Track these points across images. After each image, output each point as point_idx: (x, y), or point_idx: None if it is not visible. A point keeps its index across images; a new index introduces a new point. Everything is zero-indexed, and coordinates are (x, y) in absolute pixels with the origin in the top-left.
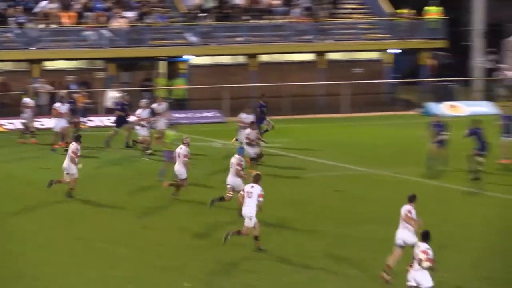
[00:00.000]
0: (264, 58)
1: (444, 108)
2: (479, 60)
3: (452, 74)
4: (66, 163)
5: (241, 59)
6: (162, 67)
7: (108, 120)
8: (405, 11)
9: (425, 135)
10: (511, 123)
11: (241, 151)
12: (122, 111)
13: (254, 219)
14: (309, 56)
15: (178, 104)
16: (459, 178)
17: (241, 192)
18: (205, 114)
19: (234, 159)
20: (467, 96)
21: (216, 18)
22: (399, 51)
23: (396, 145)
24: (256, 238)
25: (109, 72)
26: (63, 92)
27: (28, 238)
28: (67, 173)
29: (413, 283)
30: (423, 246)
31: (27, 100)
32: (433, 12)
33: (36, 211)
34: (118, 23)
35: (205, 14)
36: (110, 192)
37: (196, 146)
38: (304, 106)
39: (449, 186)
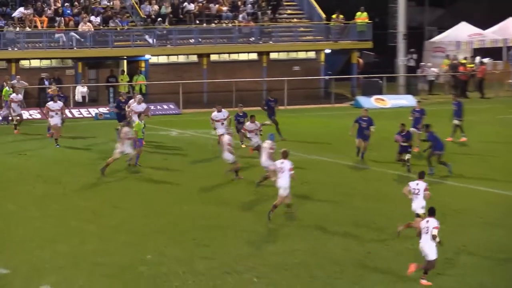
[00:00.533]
0: (214, 57)
1: (372, 101)
2: (402, 59)
3: (379, 71)
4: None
5: (193, 58)
6: (124, 65)
7: (77, 112)
8: (336, 16)
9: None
10: (422, 117)
11: (272, 137)
12: (118, 108)
13: (288, 190)
14: (253, 56)
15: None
16: (387, 163)
17: (272, 167)
18: (163, 106)
19: (266, 144)
20: (392, 90)
21: (171, 23)
22: (332, 51)
23: (331, 134)
24: (288, 205)
25: (77, 69)
26: (54, 89)
27: (8, 216)
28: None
29: (423, 253)
30: (434, 221)
31: (13, 95)
32: (361, 17)
33: (15, 192)
34: (85, 27)
35: (161, 19)
36: (81, 175)
37: (156, 135)
38: (250, 100)
39: (377, 170)
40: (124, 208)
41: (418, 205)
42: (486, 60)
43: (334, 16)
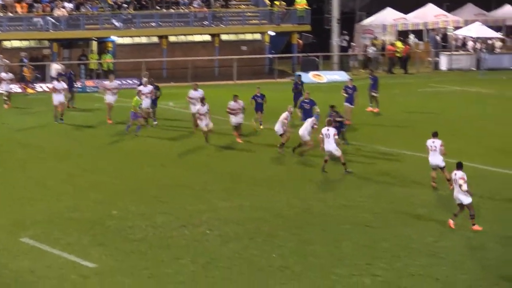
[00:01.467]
0: (172, 39)
1: (310, 76)
2: (336, 40)
3: (316, 50)
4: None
5: (154, 39)
6: (94, 45)
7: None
8: (278, 3)
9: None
10: (354, 92)
11: (317, 117)
12: (68, 80)
13: (339, 151)
14: (207, 37)
15: (106, 74)
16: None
17: (320, 136)
18: (128, 81)
19: (310, 120)
20: (327, 67)
21: (135, 8)
22: (275, 33)
23: (274, 106)
24: (343, 164)
25: (53, 49)
26: (59, 68)
27: None
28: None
29: (458, 201)
30: (460, 173)
31: (3, 74)
32: (301, 4)
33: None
34: (59, 12)
35: (126, 5)
36: (59, 142)
37: (124, 106)
38: (204, 75)
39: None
40: (96, 171)
41: (437, 159)
42: (411, 39)
43: (277, 2)
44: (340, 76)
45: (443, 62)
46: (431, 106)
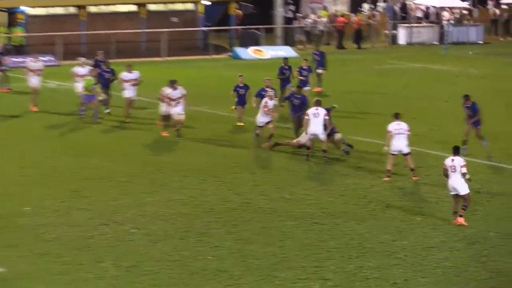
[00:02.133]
0: (93, 9)
1: (250, 52)
2: (279, 10)
3: (257, 22)
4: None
5: (72, 10)
6: (3, 17)
7: None
8: None
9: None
10: (309, 74)
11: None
12: None
13: (325, 135)
14: (132, 7)
15: (16, 50)
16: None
17: (306, 117)
18: (41, 58)
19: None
20: (269, 41)
21: None
22: (210, 2)
23: (208, 85)
24: (324, 151)
25: None
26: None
27: None
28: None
29: (454, 192)
30: (461, 160)
31: None
32: None
33: None
34: None
35: None
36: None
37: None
38: (129, 51)
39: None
40: (2, 160)
41: (402, 144)
42: (366, 9)
43: None
44: (284, 51)
45: (402, 35)
46: (388, 86)
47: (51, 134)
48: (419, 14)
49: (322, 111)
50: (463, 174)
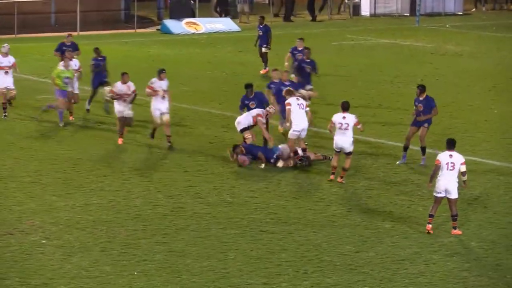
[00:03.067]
0: None
1: (183, 25)
2: None
3: None
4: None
5: None
6: None
7: None
8: None
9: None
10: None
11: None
12: None
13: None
14: None
15: None
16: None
17: (288, 107)
18: None
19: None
20: (206, 12)
21: None
22: None
23: (132, 64)
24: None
25: None
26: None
27: None
28: None
29: (442, 194)
30: (460, 156)
31: None
32: None
33: None
34: None
35: None
36: None
37: None
38: (37, 25)
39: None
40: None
41: (346, 141)
42: None
43: None
44: (224, 24)
45: (365, 5)
46: (349, 66)
47: None
48: None
49: (304, 102)
50: (463, 173)
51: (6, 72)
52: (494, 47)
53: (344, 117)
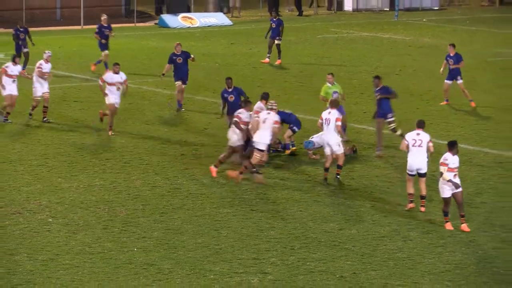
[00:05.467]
0: None
1: (179, 20)
2: None
3: None
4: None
5: None
6: None
7: None
8: None
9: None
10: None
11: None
12: None
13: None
14: None
15: None
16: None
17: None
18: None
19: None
20: (200, 7)
21: None
22: None
23: (135, 57)
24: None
25: None
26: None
27: None
28: None
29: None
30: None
31: None
32: None
33: None
34: None
35: None
36: None
37: None
38: (43, 19)
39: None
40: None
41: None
42: None
43: None
44: (217, 19)
45: (348, 0)
46: (332, 57)
47: None
48: None
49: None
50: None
51: (46, 78)
52: (467, 39)
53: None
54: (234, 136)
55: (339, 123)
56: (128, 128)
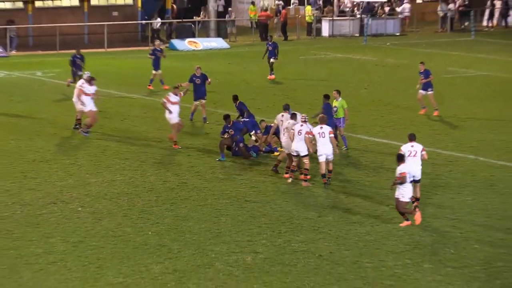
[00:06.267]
0: (38, 4)
1: (186, 44)
2: (212, 5)
3: (191, 16)
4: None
5: (19, 4)
6: None
7: None
8: None
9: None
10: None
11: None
12: None
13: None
14: (75, 2)
15: None
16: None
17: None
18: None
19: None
20: (203, 33)
21: None
22: None
23: (147, 74)
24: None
25: None
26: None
27: None
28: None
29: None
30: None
31: None
32: None
33: None
34: None
35: None
36: None
37: None
38: (74, 43)
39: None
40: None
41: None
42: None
43: None
44: (217, 43)
45: (325, 28)
46: (312, 75)
47: (1, 120)
48: (341, 8)
49: (327, 129)
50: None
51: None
52: (423, 60)
53: (412, 146)
54: (290, 143)
55: (332, 135)
56: (143, 134)
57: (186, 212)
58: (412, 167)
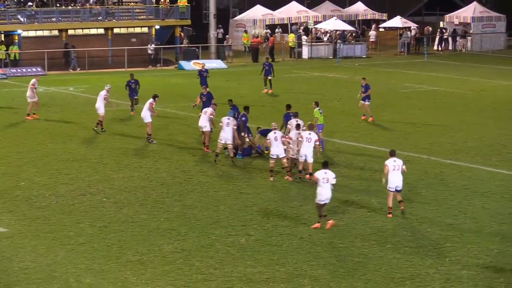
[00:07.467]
0: (71, 32)
1: (191, 64)
2: (213, 33)
3: (196, 42)
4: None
5: (55, 33)
6: (2, 38)
7: None
8: (163, 0)
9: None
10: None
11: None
12: None
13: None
14: (101, 31)
15: (13, 63)
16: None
17: (299, 138)
18: (32, 69)
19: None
20: (206, 56)
21: (38, 5)
22: (160, 27)
23: (161, 89)
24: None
25: None
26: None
27: None
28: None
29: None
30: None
31: None
32: (182, 1)
33: None
34: None
35: (31, 2)
36: None
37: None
38: (99, 64)
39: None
40: (1, 146)
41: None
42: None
43: (162, 0)
44: (217, 64)
45: (305, 51)
46: (294, 90)
47: (41, 127)
48: (318, 35)
49: (314, 136)
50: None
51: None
52: (385, 77)
53: (394, 160)
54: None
55: (318, 143)
56: (156, 138)
57: (192, 202)
58: (396, 178)
